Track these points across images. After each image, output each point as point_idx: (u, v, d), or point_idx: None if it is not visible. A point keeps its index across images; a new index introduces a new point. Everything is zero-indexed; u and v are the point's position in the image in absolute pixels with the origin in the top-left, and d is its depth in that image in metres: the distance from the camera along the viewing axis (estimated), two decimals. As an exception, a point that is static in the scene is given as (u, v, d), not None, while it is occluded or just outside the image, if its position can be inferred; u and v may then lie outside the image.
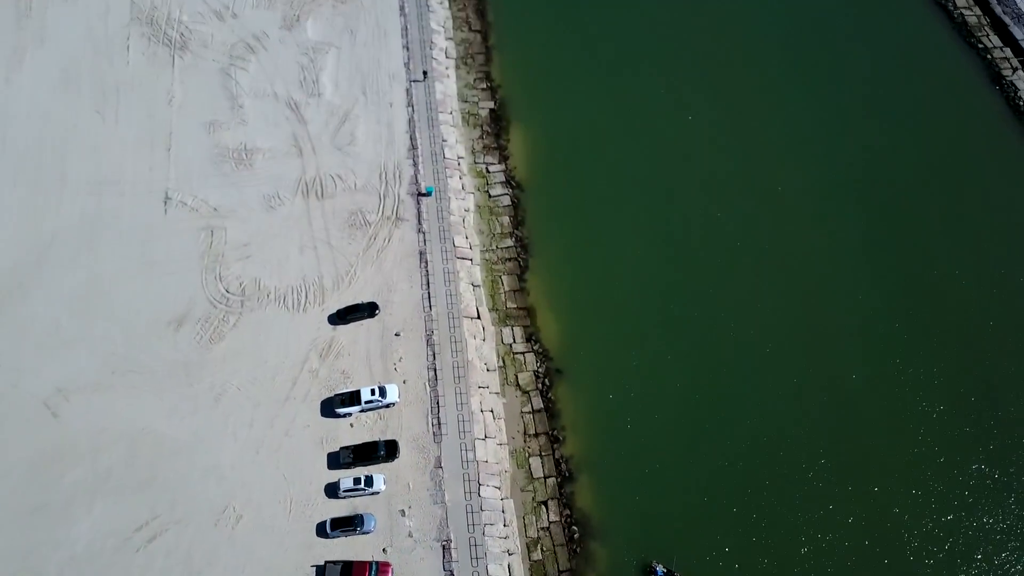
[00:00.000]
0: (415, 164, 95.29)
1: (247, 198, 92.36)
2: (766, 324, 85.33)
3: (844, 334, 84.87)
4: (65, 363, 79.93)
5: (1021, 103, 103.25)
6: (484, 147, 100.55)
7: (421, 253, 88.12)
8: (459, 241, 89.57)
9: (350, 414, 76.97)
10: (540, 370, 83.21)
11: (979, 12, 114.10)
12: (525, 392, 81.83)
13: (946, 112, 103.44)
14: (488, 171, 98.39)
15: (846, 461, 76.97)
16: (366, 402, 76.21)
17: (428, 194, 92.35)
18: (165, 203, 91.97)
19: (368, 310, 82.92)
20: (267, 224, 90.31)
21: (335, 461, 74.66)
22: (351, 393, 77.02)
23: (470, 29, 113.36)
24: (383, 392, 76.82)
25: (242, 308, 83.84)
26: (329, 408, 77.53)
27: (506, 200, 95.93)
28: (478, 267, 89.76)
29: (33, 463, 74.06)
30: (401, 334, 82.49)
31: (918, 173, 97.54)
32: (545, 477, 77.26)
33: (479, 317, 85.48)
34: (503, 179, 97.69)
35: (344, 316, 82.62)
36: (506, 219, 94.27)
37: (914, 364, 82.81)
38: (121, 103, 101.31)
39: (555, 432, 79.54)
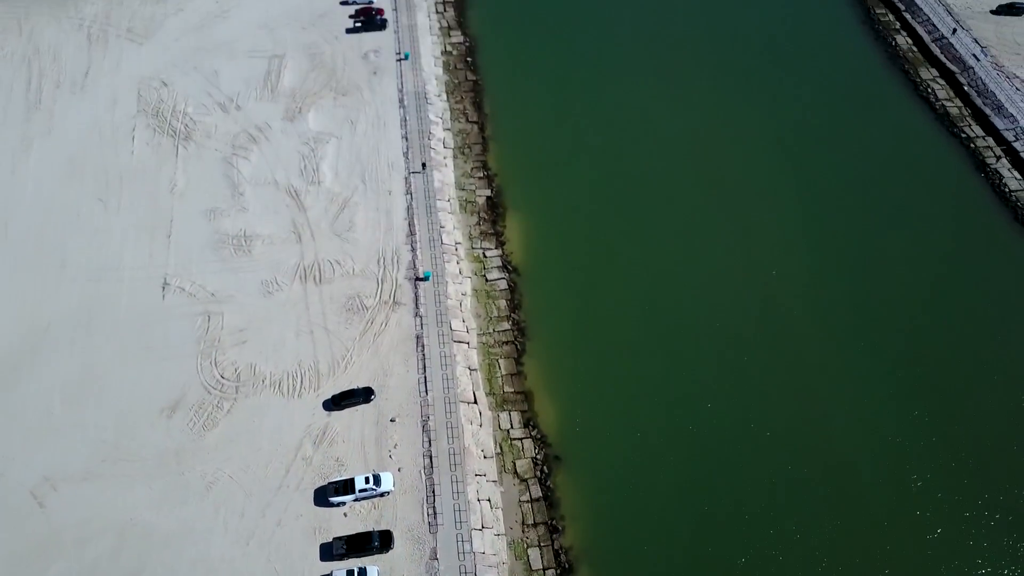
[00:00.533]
0: (413, 249, 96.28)
1: (245, 283, 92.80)
2: (765, 409, 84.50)
3: (842, 417, 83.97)
4: (54, 451, 78.46)
5: (1007, 190, 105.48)
6: (481, 233, 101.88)
7: (418, 337, 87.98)
8: (456, 325, 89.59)
9: (344, 503, 75.11)
10: (538, 457, 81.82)
11: (960, 104, 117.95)
12: (523, 480, 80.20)
13: (935, 199, 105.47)
14: (485, 256, 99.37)
15: (852, 554, 74.89)
16: (360, 491, 74.46)
17: (425, 279, 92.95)
18: (163, 289, 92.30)
19: (363, 395, 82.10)
20: (264, 309, 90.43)
21: (328, 552, 72.34)
22: (345, 481, 75.39)
23: (467, 120, 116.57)
24: (377, 480, 75.22)
25: (237, 394, 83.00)
26: (322, 497, 75.69)
27: (503, 284, 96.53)
28: (475, 351, 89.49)
29: (16, 554, 71.67)
30: (396, 420, 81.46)
31: (910, 256, 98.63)
32: (544, 569, 74.79)
33: (476, 402, 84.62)
34: (500, 263, 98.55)
35: (339, 402, 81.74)
36: (503, 303, 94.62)
37: (915, 447, 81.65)
38: (124, 191, 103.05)
39: (554, 522, 77.49)
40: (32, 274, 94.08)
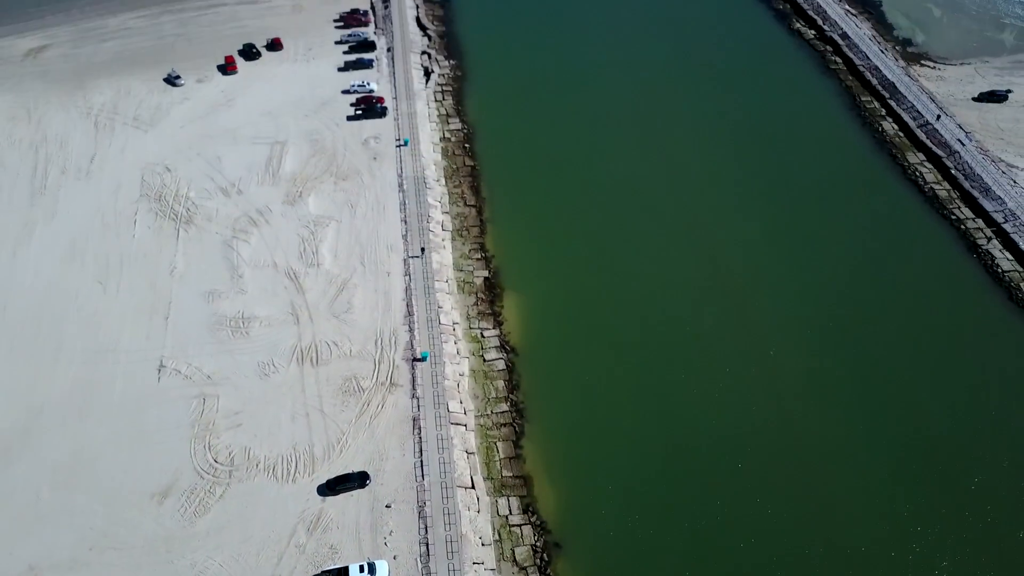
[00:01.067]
0: (411, 330, 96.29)
1: (241, 365, 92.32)
2: (766, 495, 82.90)
3: (843, 498, 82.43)
4: (41, 538, 76.40)
5: (999, 270, 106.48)
6: (479, 313, 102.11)
7: (414, 419, 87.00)
8: (453, 406, 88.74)
9: (337, 593, 72.78)
10: (538, 544, 79.67)
11: (948, 187, 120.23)
12: (523, 568, 77.85)
13: (930, 280, 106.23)
14: (483, 336, 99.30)
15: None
16: (354, 579, 72.31)
17: (423, 359, 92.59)
18: (159, 371, 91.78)
19: (359, 480, 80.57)
20: (260, 391, 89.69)
21: (319, 646, 69.74)
22: (339, 570, 73.18)
23: (465, 204, 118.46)
24: (372, 569, 73.06)
25: (230, 479, 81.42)
26: (315, 586, 73.43)
27: (501, 364, 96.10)
28: (472, 433, 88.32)
29: (-6, 651, 68.99)
30: (392, 505, 79.72)
31: (907, 337, 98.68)
32: (544, 662, 71.97)
33: (473, 487, 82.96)
34: (498, 343, 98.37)
35: (334, 487, 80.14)
36: (501, 383, 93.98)
37: (919, 530, 79.89)
38: (124, 274, 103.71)
39: (554, 611, 74.96)
40: (28, 356, 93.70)
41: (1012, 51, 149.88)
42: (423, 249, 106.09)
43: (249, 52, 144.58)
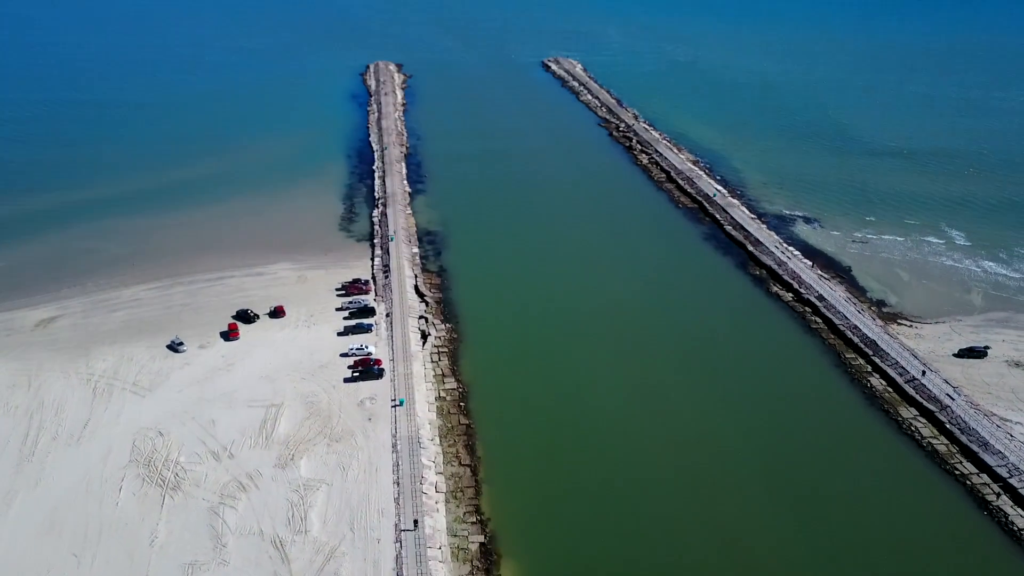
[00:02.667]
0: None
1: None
2: None
3: None
4: None
5: (1015, 528, 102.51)
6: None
7: None
8: None
9: None
10: None
11: (946, 441, 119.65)
12: None
13: (944, 543, 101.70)
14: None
15: None
16: None
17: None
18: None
19: None
20: None
21: None
22: None
23: (460, 464, 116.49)
24: None
25: None
26: None
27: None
28: None
29: None
30: None
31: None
32: None
33: None
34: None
35: None
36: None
37: None
38: (101, 545, 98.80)
39: None
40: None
41: (982, 310, 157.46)
42: (416, 522, 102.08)
43: (246, 317, 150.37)
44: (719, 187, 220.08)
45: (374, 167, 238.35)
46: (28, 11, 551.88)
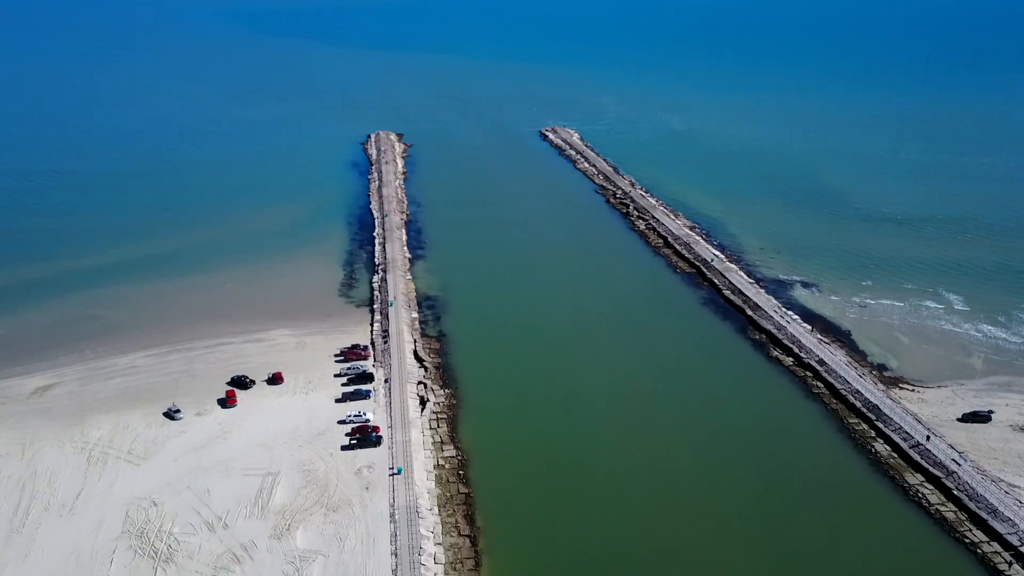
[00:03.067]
0: None
1: None
2: None
3: None
4: None
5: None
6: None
7: None
8: None
9: None
10: None
11: (955, 508, 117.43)
12: None
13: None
14: None
15: None
16: None
17: None
18: None
19: None
20: None
21: None
22: None
23: (459, 534, 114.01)
24: None
25: None
26: None
27: None
28: None
29: None
30: None
31: None
32: None
33: None
34: None
35: None
36: None
37: None
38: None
39: None
40: None
41: (984, 374, 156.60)
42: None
43: (242, 383, 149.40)
44: (716, 252, 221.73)
45: (375, 234, 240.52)
46: (32, 81, 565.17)
